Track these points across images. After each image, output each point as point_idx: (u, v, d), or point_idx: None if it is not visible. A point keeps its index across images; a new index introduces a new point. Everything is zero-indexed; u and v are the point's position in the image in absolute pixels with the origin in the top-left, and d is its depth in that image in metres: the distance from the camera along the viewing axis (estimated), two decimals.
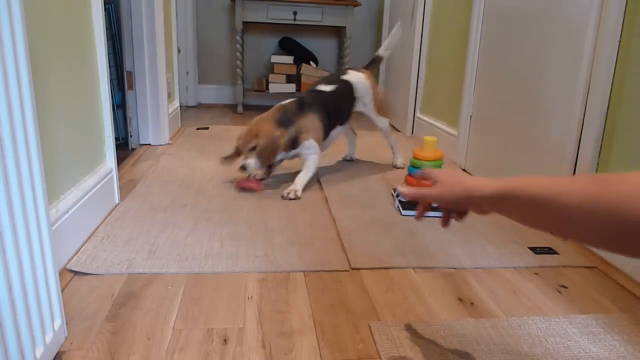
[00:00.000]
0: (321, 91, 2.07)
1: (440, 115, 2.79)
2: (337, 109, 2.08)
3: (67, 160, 1.37)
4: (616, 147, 1.46)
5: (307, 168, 1.97)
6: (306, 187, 1.99)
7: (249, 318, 1.10)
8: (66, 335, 0.97)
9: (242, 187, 1.91)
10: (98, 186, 1.54)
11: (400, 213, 1.75)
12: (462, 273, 1.35)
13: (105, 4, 1.78)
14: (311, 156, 1.99)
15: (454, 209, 0.88)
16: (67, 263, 1.29)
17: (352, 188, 2.02)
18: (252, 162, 1.83)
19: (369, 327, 1.08)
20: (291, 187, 1.90)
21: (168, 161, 2.29)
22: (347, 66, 2.16)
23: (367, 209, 1.78)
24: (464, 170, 2.39)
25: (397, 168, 2.32)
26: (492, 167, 2.11)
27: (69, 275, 1.25)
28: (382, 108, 2.25)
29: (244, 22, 3.57)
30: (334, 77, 2.15)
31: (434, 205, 1.77)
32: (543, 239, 1.59)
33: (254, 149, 1.83)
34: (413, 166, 1.79)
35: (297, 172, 1.98)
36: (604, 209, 0.55)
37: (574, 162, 1.60)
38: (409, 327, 1.08)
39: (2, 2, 0.73)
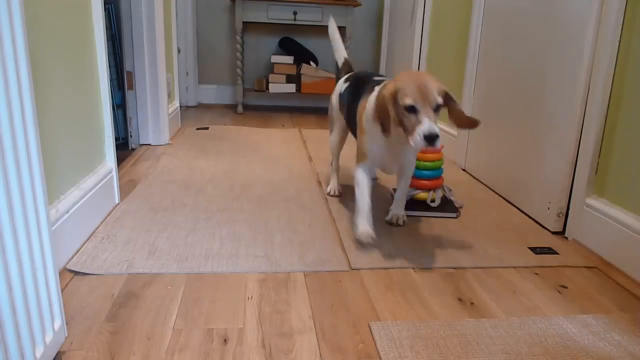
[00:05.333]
0: None
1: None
2: None
3: (67, 160, 1.37)
4: (616, 147, 1.46)
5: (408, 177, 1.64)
6: (306, 189, 1.99)
7: (249, 318, 1.10)
8: (66, 335, 0.97)
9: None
10: (98, 186, 1.54)
11: None
12: (462, 273, 1.35)
13: (105, 4, 1.78)
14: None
15: None
16: (67, 263, 1.29)
17: (352, 188, 2.01)
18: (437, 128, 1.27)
19: (369, 327, 1.08)
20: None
21: (168, 161, 2.29)
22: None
23: None
24: (463, 170, 2.39)
25: None
26: (492, 167, 2.11)
27: (69, 275, 1.25)
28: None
29: (244, 22, 3.57)
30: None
31: (432, 204, 1.79)
32: (543, 239, 1.59)
33: (438, 109, 1.29)
34: None
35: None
36: None
37: (574, 162, 1.60)
38: (409, 327, 1.08)
39: (2, 2, 0.73)
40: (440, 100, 1.29)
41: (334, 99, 1.89)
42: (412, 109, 1.27)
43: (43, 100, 1.21)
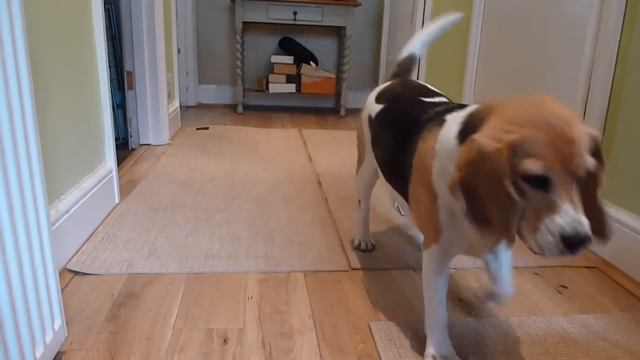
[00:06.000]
0: None
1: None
2: None
3: (67, 160, 1.37)
4: (616, 147, 1.46)
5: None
6: (306, 189, 1.98)
7: (249, 318, 1.10)
8: (66, 335, 0.97)
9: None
10: (98, 186, 1.54)
11: (400, 213, 1.75)
12: (462, 273, 1.35)
13: (105, 4, 1.78)
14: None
15: None
16: (67, 263, 1.29)
17: (352, 188, 2.02)
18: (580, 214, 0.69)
19: (369, 327, 1.08)
20: None
21: (168, 161, 2.29)
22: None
23: None
24: None
25: None
26: None
27: (69, 275, 1.25)
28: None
29: (244, 22, 3.57)
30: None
31: None
32: None
33: (592, 180, 0.73)
34: None
35: None
36: None
37: None
38: (409, 327, 1.08)
39: (2, 2, 0.73)
40: (592, 163, 0.69)
41: (364, 120, 1.26)
42: (540, 182, 0.69)
43: (43, 100, 1.21)
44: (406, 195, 0.99)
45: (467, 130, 0.79)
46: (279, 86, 3.75)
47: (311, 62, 3.75)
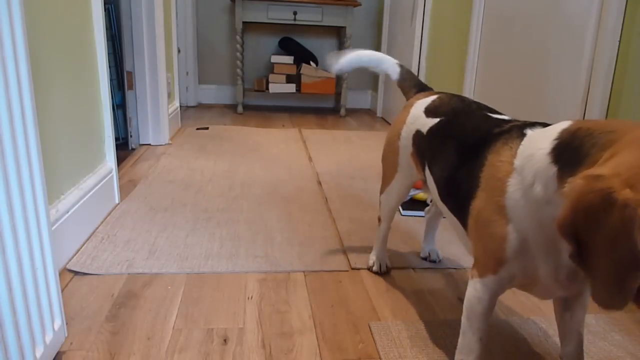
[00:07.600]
0: None
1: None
2: None
3: (67, 160, 1.37)
4: None
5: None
6: (306, 189, 1.98)
7: (249, 318, 1.10)
8: (66, 335, 0.97)
9: None
10: (98, 186, 1.54)
11: (400, 213, 1.75)
12: (462, 273, 1.35)
13: (105, 4, 1.78)
14: None
15: None
16: (67, 263, 1.29)
17: (352, 188, 2.02)
18: None
19: (369, 327, 1.08)
20: None
21: (168, 161, 2.29)
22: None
23: (367, 209, 1.78)
24: None
25: None
26: None
27: (69, 275, 1.25)
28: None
29: (244, 22, 3.57)
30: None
31: (429, 202, 1.79)
32: None
33: None
34: None
35: None
36: None
37: None
38: (409, 327, 1.08)
39: (2, 2, 0.73)
40: None
41: (404, 136, 1.15)
42: None
43: (43, 101, 1.21)
44: (463, 218, 0.88)
45: (569, 150, 0.66)
46: (279, 86, 3.75)
47: (311, 62, 3.75)
